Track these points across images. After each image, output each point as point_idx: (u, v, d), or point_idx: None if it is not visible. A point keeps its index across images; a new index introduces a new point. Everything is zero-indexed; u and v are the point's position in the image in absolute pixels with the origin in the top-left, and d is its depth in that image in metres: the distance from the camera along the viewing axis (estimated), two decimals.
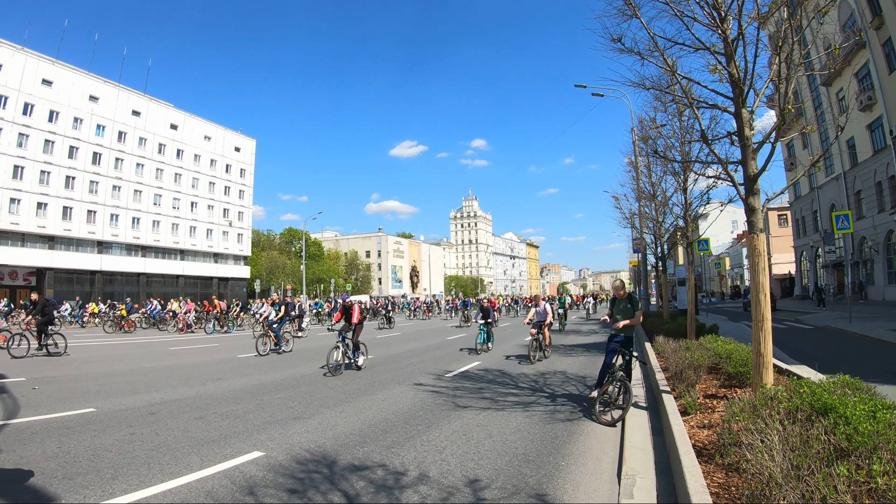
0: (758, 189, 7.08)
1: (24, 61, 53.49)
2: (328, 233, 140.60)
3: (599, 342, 19.83)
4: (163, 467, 5.99)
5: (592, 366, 13.76)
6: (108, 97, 62.44)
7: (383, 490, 5.37)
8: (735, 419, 5.42)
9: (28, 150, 53.83)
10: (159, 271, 69.20)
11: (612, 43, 7.93)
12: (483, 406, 9.36)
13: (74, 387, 11.24)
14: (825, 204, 42.91)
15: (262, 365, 15.21)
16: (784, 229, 60.27)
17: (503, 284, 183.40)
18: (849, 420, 4.45)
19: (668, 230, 20.60)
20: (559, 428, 7.79)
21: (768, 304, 6.88)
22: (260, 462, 6.24)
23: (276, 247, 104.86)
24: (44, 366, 14.57)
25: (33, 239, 55.31)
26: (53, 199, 56.35)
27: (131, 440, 7.10)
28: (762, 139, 7.34)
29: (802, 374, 8.25)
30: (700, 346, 10.98)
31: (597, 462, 6.33)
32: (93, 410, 8.95)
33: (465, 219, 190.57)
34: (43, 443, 6.90)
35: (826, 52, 8.62)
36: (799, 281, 53.58)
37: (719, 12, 6.96)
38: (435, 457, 6.43)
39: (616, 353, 8.85)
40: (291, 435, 7.47)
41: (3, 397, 9.95)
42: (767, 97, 12.26)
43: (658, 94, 11.39)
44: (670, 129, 14.51)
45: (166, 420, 8.33)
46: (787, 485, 3.81)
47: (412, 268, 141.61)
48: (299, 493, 5.30)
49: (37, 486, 5.39)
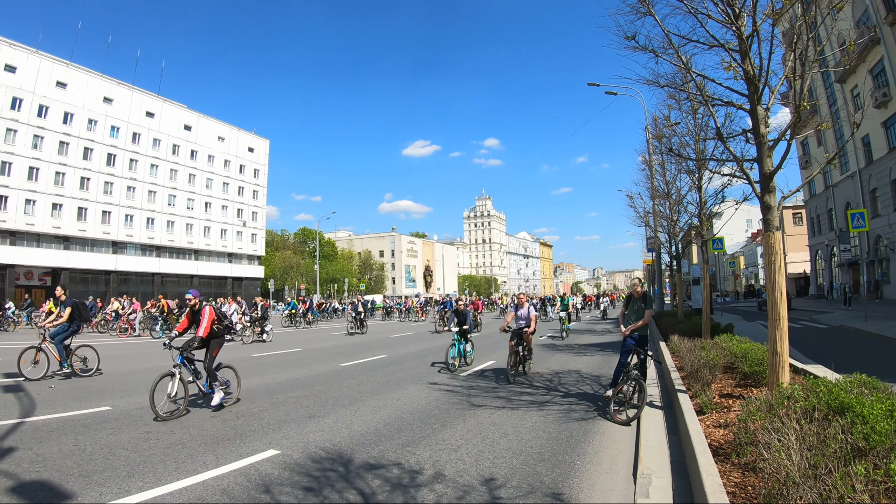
0: (773, 187, 7.04)
1: (39, 64, 54.08)
2: (342, 232, 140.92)
3: (614, 341, 19.76)
4: (178, 465, 6.03)
5: (607, 365, 13.71)
6: (122, 99, 62.96)
7: (399, 489, 5.38)
8: (751, 418, 5.39)
9: (43, 151, 54.45)
10: (174, 271, 69.66)
11: (625, 41, 7.92)
12: (498, 405, 9.36)
13: (90, 385, 11.32)
14: (840, 202, 42.51)
15: (278, 364, 15.26)
16: (799, 228, 59.87)
17: (517, 284, 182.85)
18: (866, 419, 4.42)
19: (683, 229, 20.53)
20: (574, 427, 7.78)
21: (784, 303, 6.84)
22: (276, 460, 6.27)
23: (289, 247, 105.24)
24: None
25: (48, 239, 55.89)
26: (68, 199, 56.95)
27: (147, 438, 7.15)
28: (777, 136, 7.30)
29: (818, 373, 8.19)
30: (715, 345, 10.92)
31: (612, 461, 6.31)
32: (108, 409, 9.01)
33: (478, 218, 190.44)
34: (59, 441, 6.96)
35: (840, 48, 8.60)
36: (814, 280, 53.14)
37: (733, 9, 6.92)
38: (450, 455, 6.44)
39: (631, 352, 8.82)
40: (307, 433, 7.50)
41: (19, 395, 10.04)
42: (782, 94, 12.17)
43: (672, 91, 11.37)
44: (685, 127, 14.48)
45: (181, 418, 8.38)
46: (804, 484, 3.79)
47: (426, 267, 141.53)
48: (315, 491, 5.32)
49: (53, 483, 5.44)
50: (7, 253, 51.80)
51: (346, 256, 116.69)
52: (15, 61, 52.11)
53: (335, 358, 16.68)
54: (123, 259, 63.29)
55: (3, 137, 51.18)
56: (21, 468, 5.84)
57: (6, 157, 51.42)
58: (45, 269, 55.55)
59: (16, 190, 52.14)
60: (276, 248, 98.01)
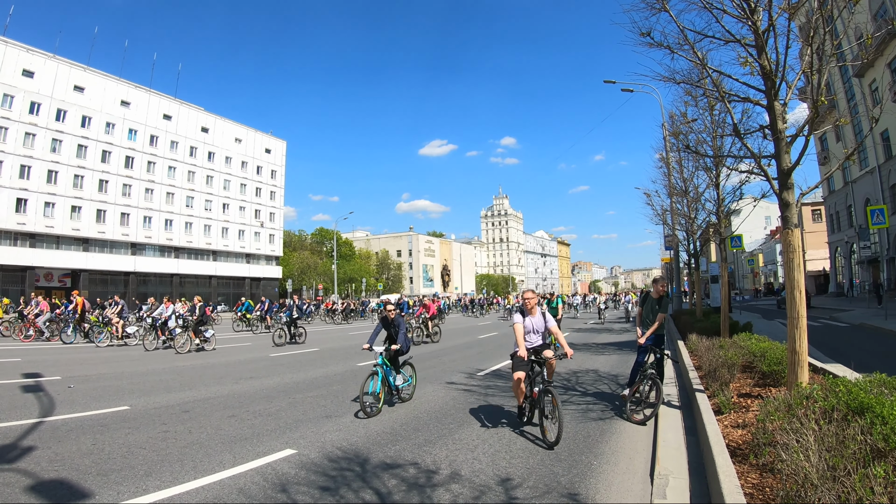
0: (792, 183, 6.97)
1: (56, 68, 54.77)
2: (359, 232, 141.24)
3: (632, 340, 19.66)
4: (196, 464, 6.08)
5: (625, 364, 13.64)
6: (139, 102, 63.61)
7: (415, 489, 5.39)
8: (770, 419, 5.33)
9: (62, 154, 55.16)
10: (192, 272, 70.23)
11: (641, 37, 7.86)
12: (515, 404, 9.34)
13: (109, 385, 11.45)
14: (860, 198, 41.97)
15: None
16: (818, 225, 59.28)
17: (534, 282, 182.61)
18: (886, 420, 4.36)
19: (701, 226, 20.38)
20: (591, 427, 7.75)
21: (803, 302, 6.77)
22: (292, 460, 6.30)
23: (307, 247, 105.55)
24: (78, 365, 14.83)
25: (68, 241, 56.58)
26: (87, 202, 57.58)
27: (165, 437, 7.22)
28: (795, 132, 7.22)
29: (838, 372, 8.09)
30: (734, 344, 10.83)
31: (629, 461, 6.27)
32: (127, 408, 9.11)
33: (495, 217, 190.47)
34: (78, 440, 7.05)
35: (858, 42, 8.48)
36: (833, 277, 52.58)
37: (749, 4, 6.85)
38: (467, 455, 6.44)
39: (648, 351, 8.77)
40: (323, 433, 7.53)
41: (38, 395, 10.16)
42: (799, 89, 12.03)
43: (688, 88, 11.32)
44: (701, 124, 14.35)
45: (199, 418, 8.46)
46: (822, 486, 3.75)
47: (443, 266, 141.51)
48: (331, 490, 5.34)
49: (71, 482, 5.50)
50: (27, 255, 52.52)
51: (363, 256, 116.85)
52: (33, 66, 52.79)
53: (351, 357, 16.71)
54: (142, 260, 63.90)
55: (23, 141, 51.87)
56: (40, 467, 5.91)
57: (26, 160, 52.09)
58: (64, 271, 56.23)
59: (35, 193, 52.79)
60: (293, 249, 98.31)
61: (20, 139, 51.61)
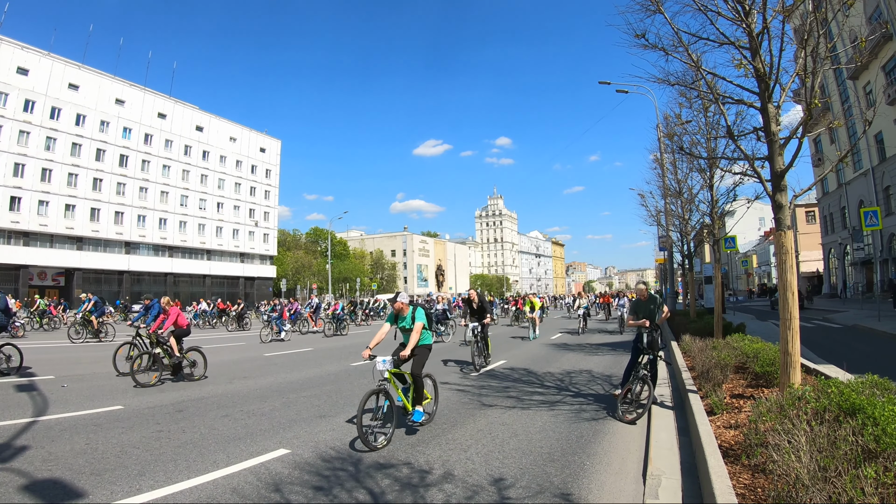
0: (785, 185, 7.00)
1: (51, 66, 54.66)
2: (354, 232, 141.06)
3: (625, 341, 19.71)
4: (189, 464, 6.06)
5: (618, 365, 13.62)
6: (133, 100, 63.50)
7: (408, 488, 5.39)
8: (762, 419, 5.37)
9: (56, 153, 55.05)
10: (186, 271, 70.23)
11: (635, 39, 7.89)
12: (508, 405, 9.35)
13: (103, 384, 11.39)
14: (853, 200, 42.07)
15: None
16: (812, 226, 59.39)
17: (529, 283, 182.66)
18: (877, 421, 4.39)
19: (695, 227, 20.43)
20: (584, 427, 7.76)
21: (796, 303, 6.80)
22: (286, 459, 6.29)
23: (302, 246, 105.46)
24: (73, 364, 14.76)
25: (62, 240, 56.50)
26: (81, 200, 57.50)
27: (158, 437, 7.20)
28: (789, 134, 7.24)
29: (830, 373, 8.13)
30: (727, 345, 10.87)
31: (622, 462, 6.29)
32: (121, 408, 9.08)
33: (490, 217, 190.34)
34: (71, 439, 7.02)
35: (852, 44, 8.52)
36: (827, 279, 52.73)
37: (743, 6, 6.89)
38: (460, 455, 6.44)
39: (641, 352, 8.79)
40: (317, 433, 7.52)
41: (32, 395, 10.12)
42: (794, 92, 12.06)
43: (683, 89, 11.33)
44: (696, 126, 14.41)
45: (193, 417, 8.44)
46: (813, 486, 3.77)
47: (438, 267, 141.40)
48: (325, 490, 5.33)
49: (65, 481, 5.48)
50: (21, 253, 52.43)
51: (358, 256, 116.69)
52: (27, 64, 52.68)
53: (345, 357, 16.66)
54: (136, 259, 63.84)
55: (17, 139, 51.77)
56: (34, 467, 5.89)
57: (20, 158, 52.01)
58: (58, 270, 56.09)
59: (29, 191, 52.70)
60: (288, 248, 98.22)
61: (14, 137, 51.50)
